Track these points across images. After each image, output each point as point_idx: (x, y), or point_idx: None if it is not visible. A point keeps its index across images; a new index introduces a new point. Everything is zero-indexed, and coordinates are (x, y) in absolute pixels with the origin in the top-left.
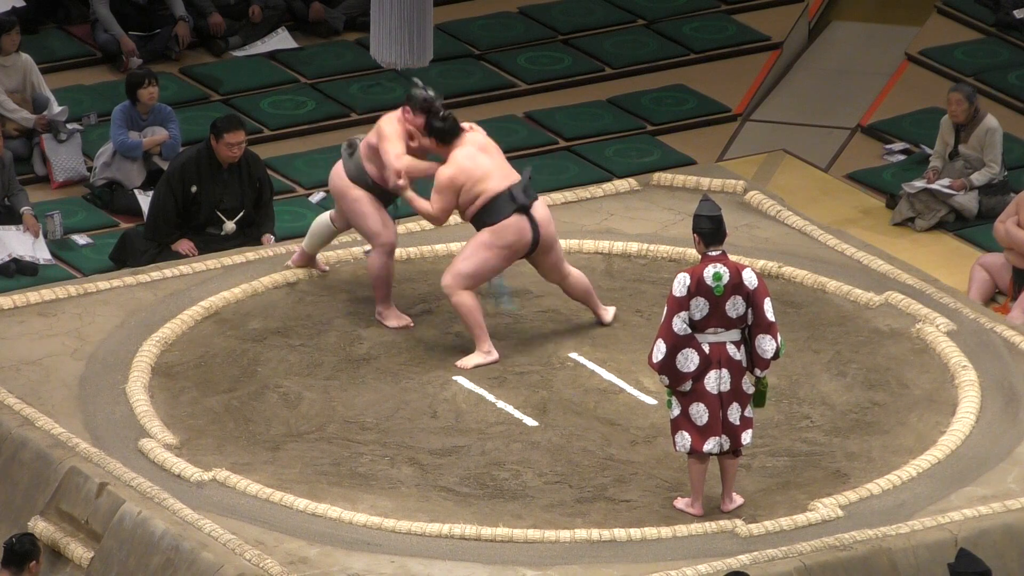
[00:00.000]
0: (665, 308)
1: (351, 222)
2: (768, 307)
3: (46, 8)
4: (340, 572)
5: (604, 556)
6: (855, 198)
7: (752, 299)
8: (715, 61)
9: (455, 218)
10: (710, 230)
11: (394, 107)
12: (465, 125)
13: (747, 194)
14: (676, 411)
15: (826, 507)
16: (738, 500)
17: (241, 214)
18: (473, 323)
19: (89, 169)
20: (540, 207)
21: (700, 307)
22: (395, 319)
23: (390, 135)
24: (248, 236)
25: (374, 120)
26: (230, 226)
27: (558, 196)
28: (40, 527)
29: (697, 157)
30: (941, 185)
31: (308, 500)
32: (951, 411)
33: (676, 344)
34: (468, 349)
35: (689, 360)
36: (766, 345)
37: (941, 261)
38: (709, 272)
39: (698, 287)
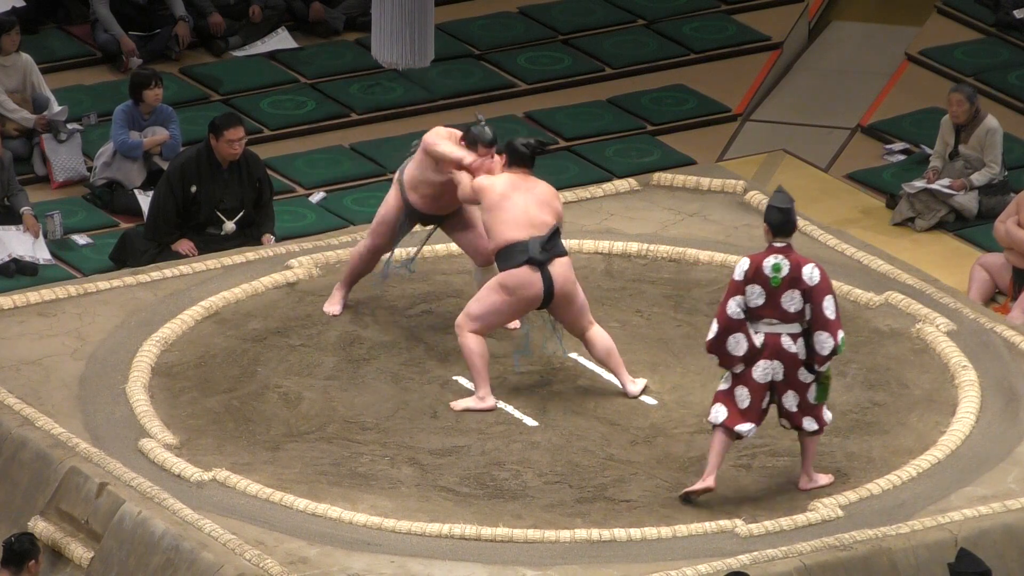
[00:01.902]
0: (725, 293)
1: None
2: (828, 304)
3: (46, 8)
4: (340, 572)
5: (604, 556)
6: (855, 198)
7: (811, 295)
8: (715, 61)
9: None
10: (779, 221)
11: (394, 107)
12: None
13: (747, 194)
14: (725, 386)
15: (826, 507)
16: (820, 480)
17: (241, 214)
18: (473, 366)
19: (89, 169)
20: (561, 265)
21: (756, 295)
22: (334, 304)
23: (446, 147)
24: (248, 236)
25: (374, 120)
26: (230, 226)
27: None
28: (40, 527)
29: (697, 157)
30: (941, 185)
31: (308, 500)
32: (951, 411)
33: (728, 327)
34: None
35: (739, 344)
36: (824, 341)
37: (941, 261)
38: (768, 262)
39: (755, 274)
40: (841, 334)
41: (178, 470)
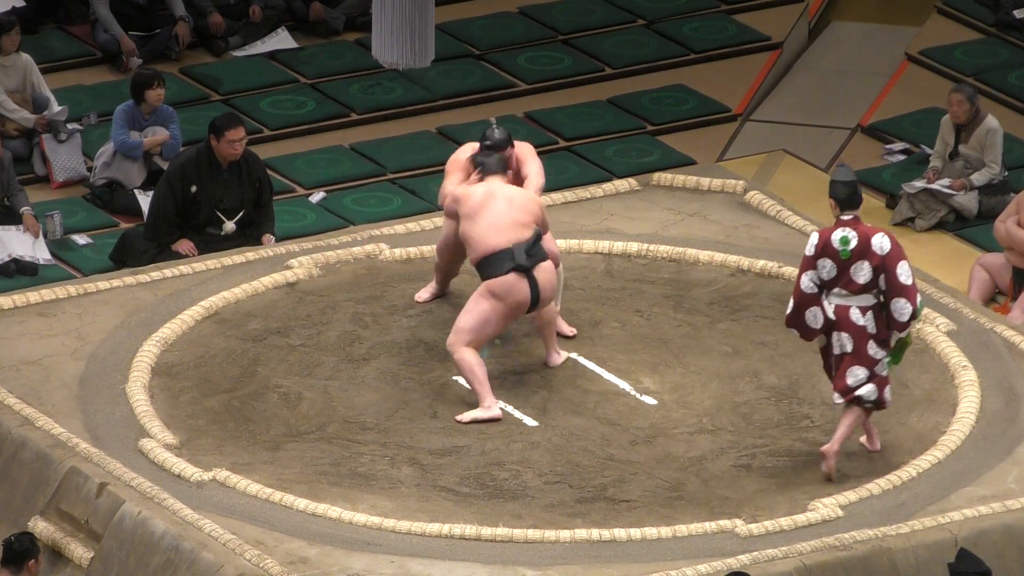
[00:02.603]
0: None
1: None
2: (902, 270)
3: (46, 8)
4: (340, 572)
5: (604, 556)
6: None
7: (884, 265)
8: (715, 61)
9: None
10: (845, 195)
11: (394, 107)
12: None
13: (747, 194)
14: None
15: (826, 507)
16: (877, 444)
17: (241, 214)
18: (474, 380)
19: (89, 169)
20: (545, 270)
21: (827, 268)
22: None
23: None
24: (248, 236)
25: (374, 120)
26: (230, 226)
27: (558, 196)
28: (40, 527)
29: (697, 157)
30: (941, 185)
31: (308, 500)
32: (951, 411)
33: (803, 301)
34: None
35: (817, 318)
36: (901, 307)
37: (941, 261)
38: (837, 236)
39: (824, 248)
40: (919, 299)
41: (178, 470)
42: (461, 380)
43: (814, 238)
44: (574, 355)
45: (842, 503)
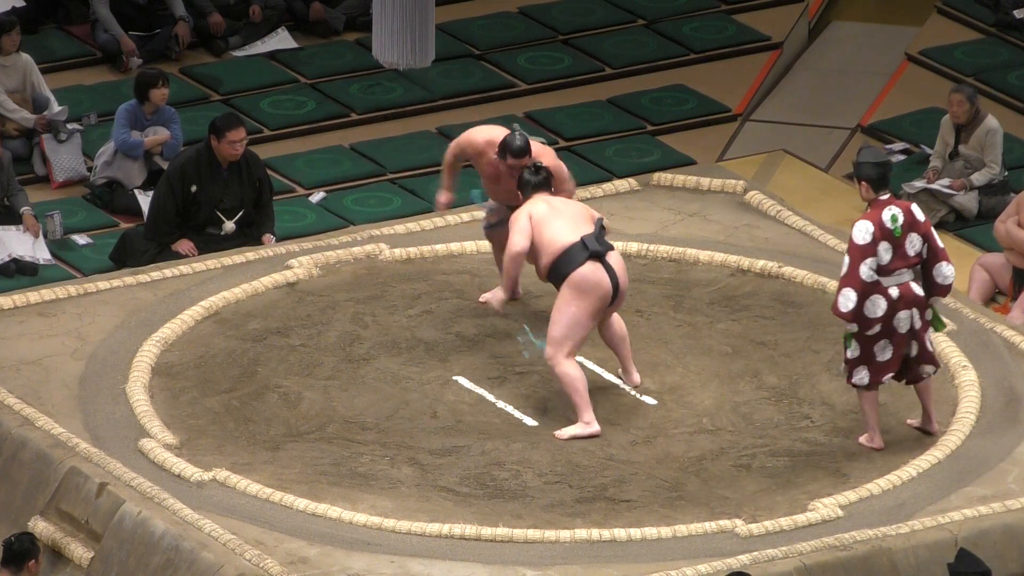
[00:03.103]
0: (847, 259)
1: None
2: (936, 235)
3: (46, 8)
4: (340, 572)
5: (604, 556)
6: (855, 198)
7: (927, 232)
8: (715, 61)
9: (453, 218)
10: (878, 175)
11: (394, 107)
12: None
13: (747, 194)
14: (856, 352)
15: (826, 507)
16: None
17: (241, 214)
18: (574, 393)
19: (89, 169)
20: (616, 256)
21: (885, 252)
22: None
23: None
24: (248, 236)
25: (374, 120)
26: (230, 226)
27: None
28: (40, 527)
29: (697, 157)
30: (941, 185)
31: (308, 500)
32: (951, 411)
33: (865, 291)
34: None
35: (876, 306)
36: (946, 271)
37: None
38: (887, 215)
39: (881, 232)
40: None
41: (178, 470)
42: (461, 380)
43: (867, 226)
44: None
45: (842, 503)
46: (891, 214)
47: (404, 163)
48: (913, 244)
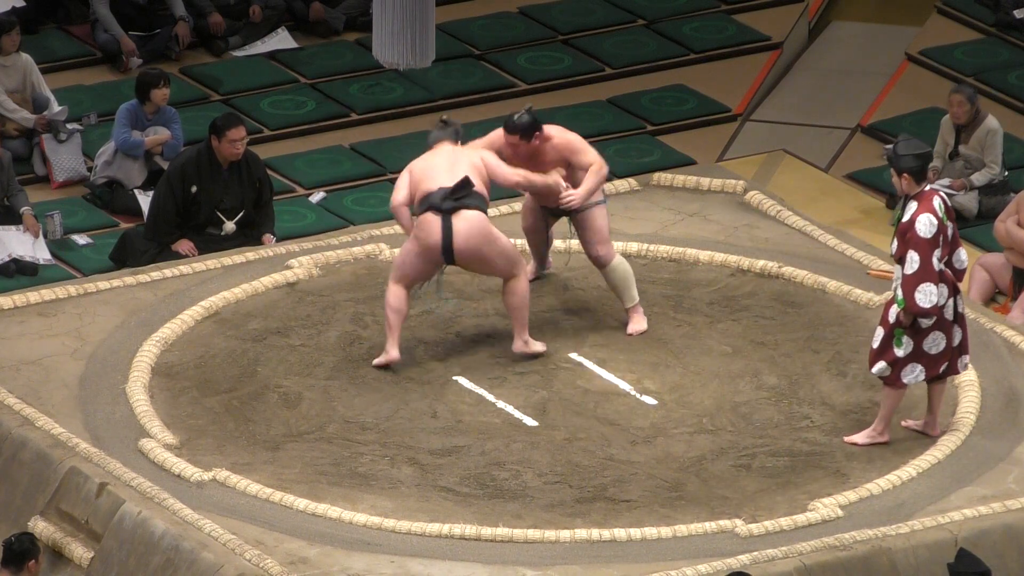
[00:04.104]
0: (916, 255)
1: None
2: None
3: (46, 8)
4: (340, 572)
5: (604, 556)
6: (855, 198)
7: (953, 219)
8: (715, 61)
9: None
10: (920, 167)
11: (394, 107)
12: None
13: (747, 194)
14: (908, 349)
15: (826, 507)
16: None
17: (241, 214)
18: (386, 319)
19: (89, 169)
20: (466, 218)
21: (943, 241)
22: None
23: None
24: (248, 236)
25: (374, 120)
26: (230, 226)
27: None
28: (40, 527)
29: (697, 157)
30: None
31: (308, 500)
32: (951, 411)
33: (942, 282)
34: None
35: (941, 295)
36: (963, 256)
37: None
38: (937, 205)
39: (940, 223)
40: None
41: (178, 470)
42: (461, 380)
43: (930, 219)
44: (574, 355)
45: (842, 503)
46: (938, 203)
47: (404, 163)
48: (951, 231)
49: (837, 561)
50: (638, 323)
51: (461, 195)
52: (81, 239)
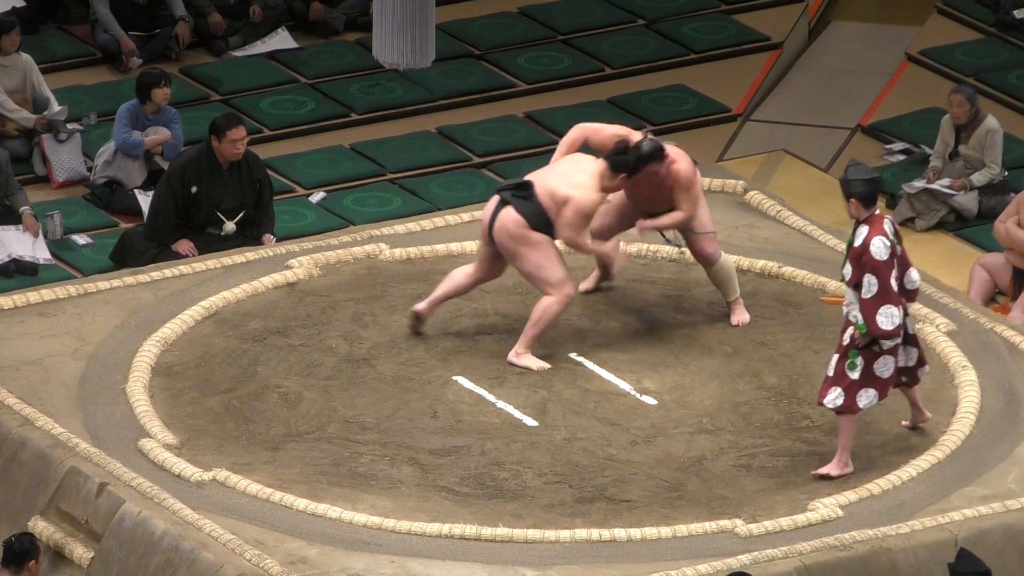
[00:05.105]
0: (874, 278)
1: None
2: None
3: (46, 8)
4: (340, 572)
5: (604, 556)
6: None
7: (901, 241)
8: (715, 61)
9: (453, 218)
10: (869, 192)
11: (394, 107)
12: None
13: (747, 194)
14: (860, 372)
15: (826, 507)
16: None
17: (241, 214)
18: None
19: (89, 169)
20: (506, 215)
21: (897, 261)
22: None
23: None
24: (248, 236)
25: (374, 120)
26: (230, 226)
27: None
28: (40, 527)
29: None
30: (941, 185)
31: (308, 500)
32: (951, 411)
33: (899, 303)
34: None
35: (900, 316)
36: (915, 276)
37: (941, 261)
38: (889, 230)
39: (893, 247)
40: None
41: (178, 470)
42: (461, 380)
43: (885, 243)
44: (574, 355)
45: (842, 503)
46: (889, 226)
47: (404, 163)
48: (899, 252)
49: (837, 561)
50: (740, 315)
51: (518, 193)
52: (81, 239)
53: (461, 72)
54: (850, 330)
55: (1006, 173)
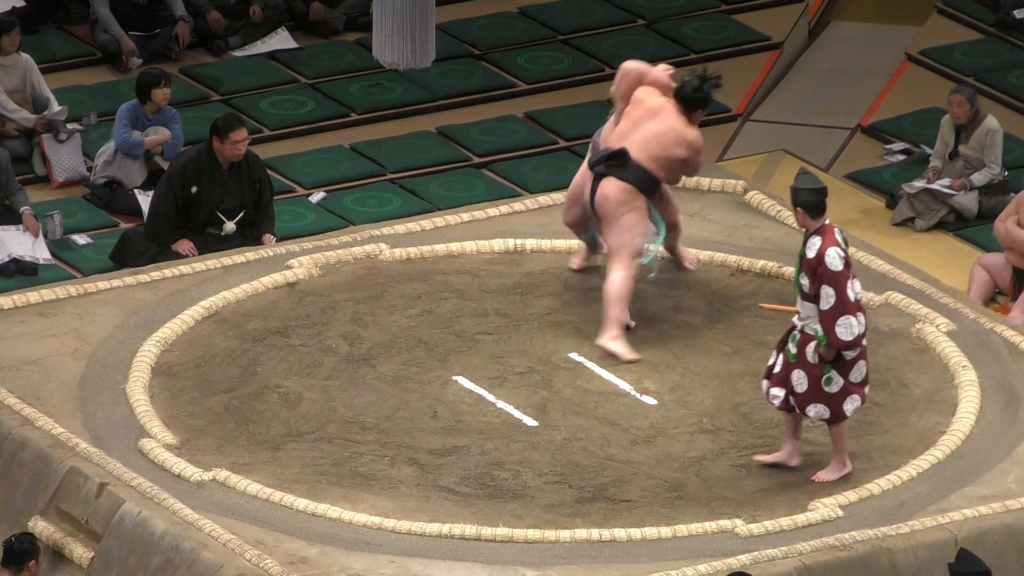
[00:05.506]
0: (831, 289)
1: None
2: None
3: (46, 8)
4: (340, 572)
5: (604, 556)
6: (855, 198)
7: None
8: (715, 61)
9: (453, 218)
10: (816, 202)
11: (394, 107)
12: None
13: (747, 194)
14: (839, 384)
15: (826, 507)
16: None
17: (241, 214)
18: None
19: (89, 169)
20: (609, 183)
21: (852, 271)
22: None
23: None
24: (248, 236)
25: (374, 120)
26: (230, 226)
27: (559, 196)
28: (40, 527)
29: None
30: (941, 185)
31: (308, 500)
32: (951, 411)
33: (859, 311)
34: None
35: (860, 324)
36: (857, 287)
37: (941, 261)
38: (840, 238)
39: (847, 255)
40: None
41: (178, 470)
42: (461, 380)
43: (839, 252)
44: (574, 355)
45: (842, 503)
46: (840, 235)
47: (404, 163)
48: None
49: (837, 561)
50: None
51: (613, 162)
52: (81, 239)
53: (461, 72)
54: (812, 345)
55: (1006, 173)
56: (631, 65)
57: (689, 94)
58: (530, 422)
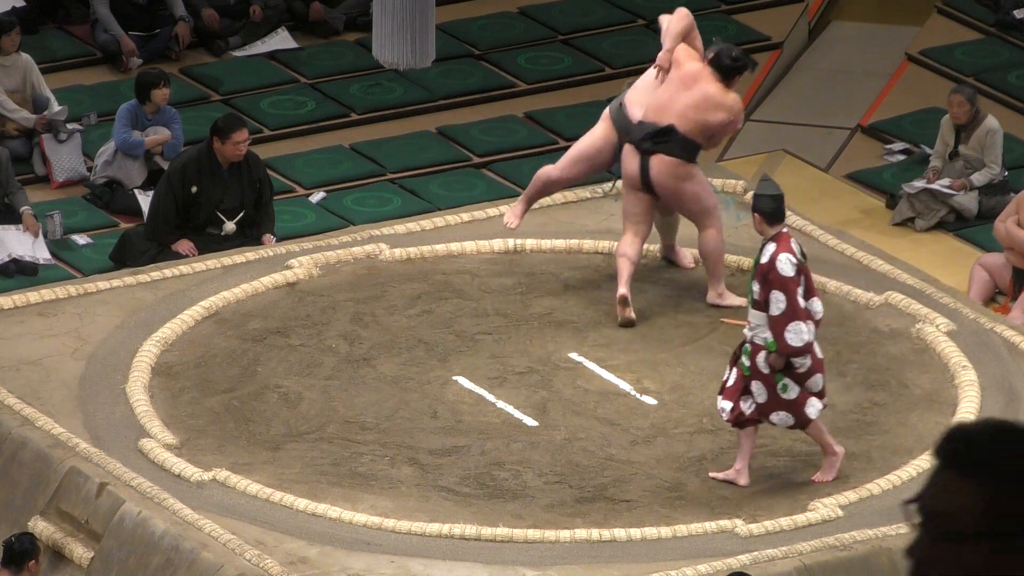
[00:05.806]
0: (781, 295)
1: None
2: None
3: (46, 8)
4: (340, 572)
5: (604, 556)
6: (855, 198)
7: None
8: None
9: (453, 218)
10: (774, 209)
11: (394, 107)
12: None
13: (747, 194)
14: (795, 392)
15: (826, 507)
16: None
17: (241, 214)
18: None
19: (89, 169)
20: (660, 159)
21: (805, 281)
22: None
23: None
24: (248, 236)
25: (374, 120)
26: (230, 226)
27: (558, 196)
28: (40, 527)
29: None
30: (941, 185)
31: (308, 500)
32: (951, 411)
33: (809, 319)
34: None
35: (810, 332)
36: (818, 307)
37: (941, 261)
38: (796, 247)
39: (800, 262)
40: None
41: (178, 470)
42: (461, 380)
43: (790, 259)
44: (574, 355)
45: (842, 503)
46: (796, 244)
47: (404, 163)
48: (807, 276)
49: (837, 561)
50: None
51: (659, 139)
52: (81, 239)
53: (461, 72)
54: (762, 355)
55: (1006, 173)
56: (688, 12)
57: (728, 63)
58: (530, 422)
